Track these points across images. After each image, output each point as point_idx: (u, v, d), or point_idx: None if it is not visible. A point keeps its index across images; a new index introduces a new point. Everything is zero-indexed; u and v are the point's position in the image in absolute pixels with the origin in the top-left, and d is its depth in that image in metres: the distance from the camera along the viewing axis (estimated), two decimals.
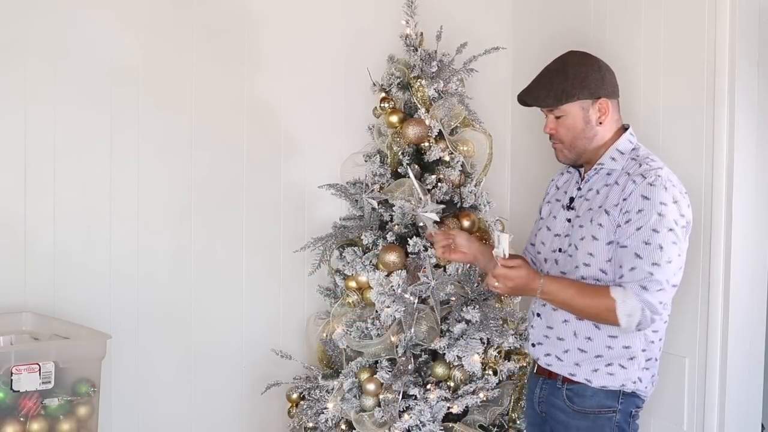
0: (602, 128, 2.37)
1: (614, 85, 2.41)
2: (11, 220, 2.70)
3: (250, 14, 3.07)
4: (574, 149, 2.40)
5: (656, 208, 2.21)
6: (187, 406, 3.03)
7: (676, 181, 2.28)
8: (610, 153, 2.37)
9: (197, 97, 2.99)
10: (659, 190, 2.22)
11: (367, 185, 2.95)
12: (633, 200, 2.24)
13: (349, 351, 2.90)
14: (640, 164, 2.30)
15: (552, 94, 2.37)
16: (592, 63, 2.40)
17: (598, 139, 2.38)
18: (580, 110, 2.36)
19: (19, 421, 2.28)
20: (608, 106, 2.36)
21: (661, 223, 2.20)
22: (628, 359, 2.31)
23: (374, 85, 3.00)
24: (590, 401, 2.33)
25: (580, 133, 2.38)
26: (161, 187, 2.94)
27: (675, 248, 2.21)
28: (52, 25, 2.73)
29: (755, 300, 2.76)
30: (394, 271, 2.76)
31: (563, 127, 2.39)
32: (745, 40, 2.64)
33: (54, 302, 2.74)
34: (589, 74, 2.36)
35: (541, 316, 2.45)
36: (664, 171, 2.27)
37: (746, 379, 2.73)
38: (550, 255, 2.45)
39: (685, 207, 2.27)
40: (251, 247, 3.12)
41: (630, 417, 2.35)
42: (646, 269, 2.21)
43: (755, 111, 2.69)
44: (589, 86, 2.35)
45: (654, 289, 2.20)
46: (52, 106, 2.74)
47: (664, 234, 2.20)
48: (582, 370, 2.34)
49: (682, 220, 2.24)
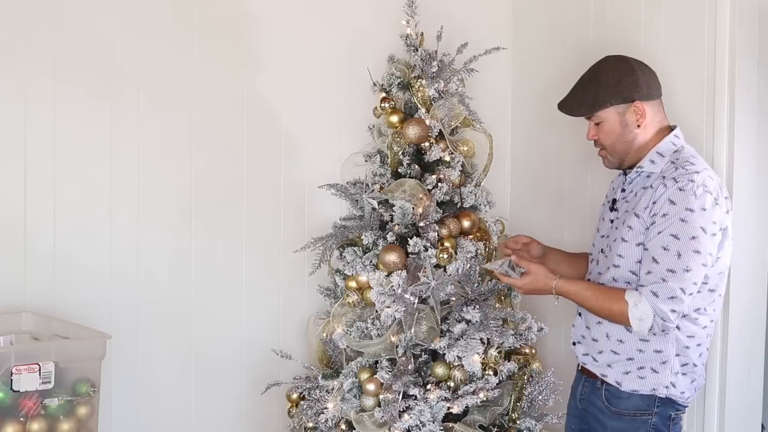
0: (642, 131, 2.38)
1: (651, 86, 2.39)
2: (11, 220, 2.70)
3: (250, 14, 3.07)
4: (615, 153, 2.43)
5: (680, 214, 2.19)
6: (187, 406, 3.03)
7: (713, 188, 2.23)
8: (649, 156, 2.36)
9: (197, 97, 2.99)
10: (688, 196, 2.20)
11: (367, 185, 2.95)
12: (660, 203, 2.24)
13: (349, 351, 2.90)
14: (677, 168, 2.27)
15: (585, 103, 2.41)
16: (625, 67, 2.39)
17: (638, 142, 2.38)
18: (616, 115, 2.38)
19: (19, 421, 2.28)
20: (644, 109, 2.36)
21: (684, 229, 2.18)
22: (660, 363, 2.31)
23: (374, 85, 3.00)
24: (626, 403, 2.35)
25: (619, 137, 2.39)
26: (161, 187, 2.94)
27: (697, 257, 2.18)
28: (52, 25, 2.72)
29: (755, 300, 2.76)
30: (394, 271, 2.76)
31: (603, 132, 2.41)
32: (745, 40, 2.64)
33: (54, 302, 2.74)
34: (622, 79, 2.36)
35: (582, 315, 2.49)
36: (699, 176, 2.22)
37: (746, 379, 2.73)
38: (597, 256, 2.48)
39: (720, 214, 2.23)
40: (251, 247, 3.12)
41: (669, 420, 2.34)
42: (660, 275, 2.20)
43: (755, 111, 2.69)
44: (621, 91, 2.35)
45: (665, 296, 2.20)
46: (52, 106, 2.74)
47: (686, 241, 2.17)
48: (613, 371, 2.36)
49: (713, 227, 2.20)
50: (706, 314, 2.32)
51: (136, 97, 2.87)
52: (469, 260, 2.80)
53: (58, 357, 2.32)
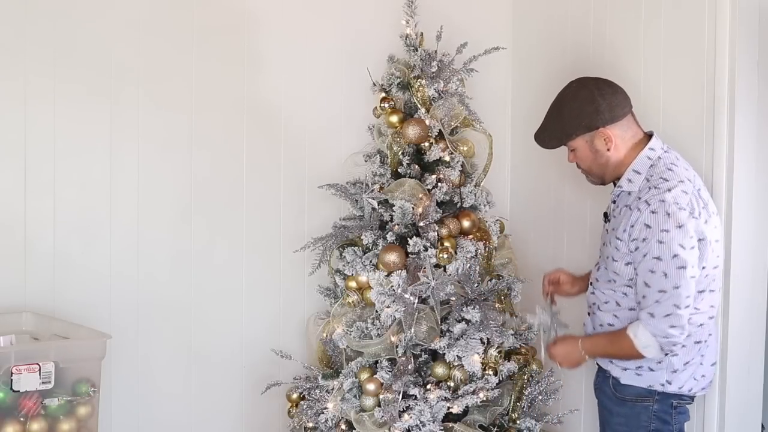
0: (614, 152, 2.45)
1: (615, 107, 2.44)
2: (11, 220, 2.70)
3: (250, 14, 3.07)
4: (594, 174, 2.55)
5: (657, 236, 2.27)
6: (187, 405, 3.03)
7: (686, 202, 2.29)
8: (627, 174, 2.43)
9: (197, 97, 2.99)
10: (661, 218, 2.27)
11: (367, 185, 2.95)
12: (638, 228, 2.32)
13: (349, 351, 2.90)
14: (650, 187, 2.35)
15: (554, 136, 2.53)
16: (585, 95, 2.45)
17: (613, 162, 2.46)
18: (584, 143, 2.47)
19: (19, 421, 2.28)
20: (609, 134, 2.43)
21: (663, 250, 2.26)
22: (657, 363, 2.42)
23: (374, 85, 3.00)
24: (629, 390, 2.47)
25: (593, 162, 2.49)
26: (161, 187, 2.94)
27: (683, 272, 2.26)
28: (52, 25, 2.72)
29: (755, 300, 2.76)
30: (394, 271, 2.76)
31: (578, 158, 2.53)
32: (745, 40, 2.64)
33: (54, 302, 2.74)
34: (583, 109, 2.43)
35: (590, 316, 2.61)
36: (670, 194, 2.29)
37: (746, 379, 2.73)
38: (602, 263, 2.55)
39: (699, 225, 2.30)
40: (251, 247, 3.12)
41: (672, 408, 2.46)
42: (653, 298, 2.31)
43: (755, 111, 2.69)
44: (584, 121, 2.44)
45: (661, 315, 2.30)
46: (52, 106, 2.74)
47: (668, 261, 2.26)
48: (614, 367, 2.50)
49: (691, 241, 2.27)
50: (700, 313, 2.39)
51: (136, 96, 2.87)
52: (469, 260, 2.80)
53: (58, 357, 2.32)
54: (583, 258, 3.03)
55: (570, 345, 2.56)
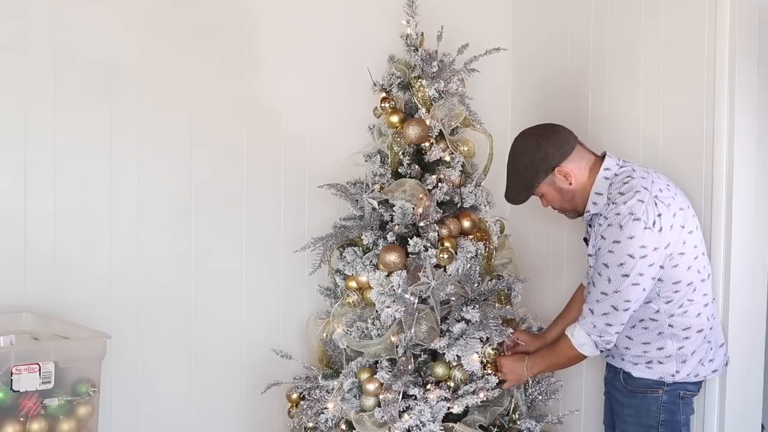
0: (576, 183, 2.59)
1: (561, 144, 2.57)
2: (11, 220, 2.70)
3: (250, 14, 3.07)
4: (568, 210, 2.68)
5: (609, 247, 2.44)
6: (187, 405, 3.03)
7: (640, 211, 2.42)
8: (591, 198, 2.57)
9: (197, 96, 2.99)
10: (614, 230, 2.43)
11: (367, 185, 2.95)
12: (598, 241, 2.50)
13: (349, 351, 2.90)
14: (609, 204, 2.50)
15: (521, 192, 2.66)
16: (532, 145, 2.60)
17: (579, 193, 2.60)
18: (548, 186, 2.62)
19: (19, 421, 2.28)
20: (566, 169, 2.56)
21: (611, 258, 2.43)
22: (665, 357, 2.54)
23: (375, 85, 3.00)
24: (640, 382, 2.59)
25: (562, 199, 2.64)
26: (161, 186, 2.94)
27: (625, 280, 2.42)
28: (52, 25, 2.72)
29: (755, 300, 2.76)
30: (394, 271, 2.76)
31: (549, 201, 2.67)
32: (745, 40, 2.64)
33: (54, 302, 2.74)
34: (534, 157, 2.58)
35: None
36: (625, 206, 2.44)
37: (746, 379, 2.73)
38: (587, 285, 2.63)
39: (653, 235, 2.41)
40: (251, 247, 3.12)
41: (679, 399, 2.57)
42: (595, 297, 2.49)
43: (755, 111, 2.69)
44: (539, 168, 2.58)
45: (599, 312, 2.48)
46: (52, 105, 2.74)
47: (613, 268, 2.43)
48: (625, 363, 2.61)
49: (642, 251, 2.40)
50: (695, 303, 2.51)
51: (136, 96, 2.87)
52: (469, 260, 2.80)
53: (58, 357, 2.32)
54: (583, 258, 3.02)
55: (516, 361, 2.71)
